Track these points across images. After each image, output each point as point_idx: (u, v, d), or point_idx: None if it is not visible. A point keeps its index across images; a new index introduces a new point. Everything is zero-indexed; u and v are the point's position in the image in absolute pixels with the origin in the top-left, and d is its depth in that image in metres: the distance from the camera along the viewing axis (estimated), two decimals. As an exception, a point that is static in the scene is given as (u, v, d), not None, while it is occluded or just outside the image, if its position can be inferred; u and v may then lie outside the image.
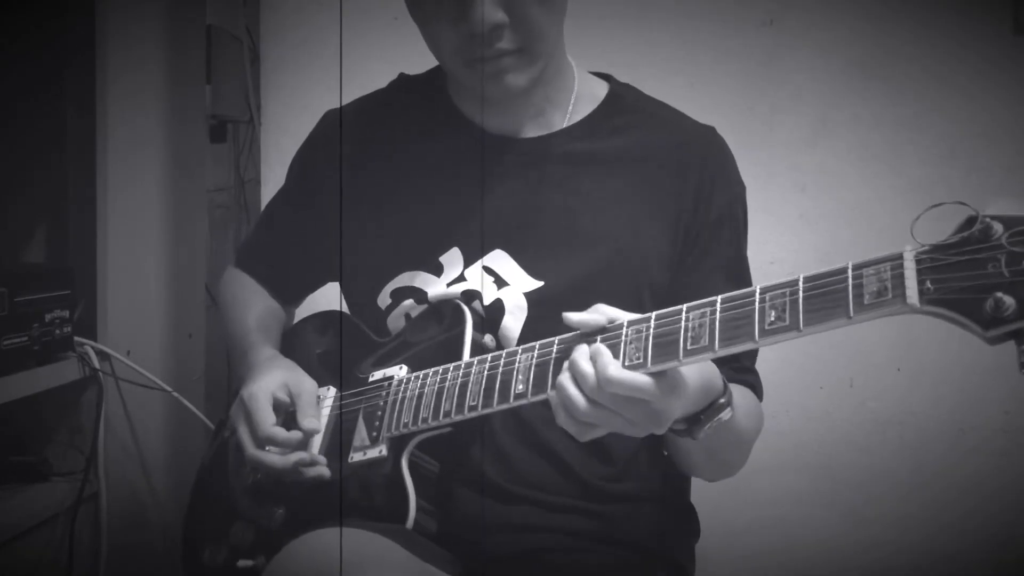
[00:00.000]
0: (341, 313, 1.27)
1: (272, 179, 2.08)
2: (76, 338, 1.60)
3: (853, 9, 1.96)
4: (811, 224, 1.98)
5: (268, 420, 1.08)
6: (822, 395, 1.99)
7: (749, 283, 1.17)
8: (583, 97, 1.19)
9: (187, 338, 1.86)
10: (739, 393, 1.07)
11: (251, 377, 1.15)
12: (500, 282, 1.13)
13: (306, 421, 1.08)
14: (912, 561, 1.96)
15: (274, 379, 1.12)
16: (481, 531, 1.09)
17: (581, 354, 0.88)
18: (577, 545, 1.12)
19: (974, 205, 0.74)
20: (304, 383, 1.13)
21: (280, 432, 1.07)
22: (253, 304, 1.32)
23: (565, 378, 0.89)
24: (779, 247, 1.97)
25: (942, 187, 1.93)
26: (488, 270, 1.13)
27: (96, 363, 1.62)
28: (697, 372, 0.92)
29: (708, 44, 1.99)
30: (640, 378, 0.86)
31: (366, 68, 1.46)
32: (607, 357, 0.86)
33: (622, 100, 1.21)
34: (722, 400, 0.97)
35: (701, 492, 1.26)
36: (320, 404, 1.15)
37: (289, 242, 1.32)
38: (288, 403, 1.11)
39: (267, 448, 1.09)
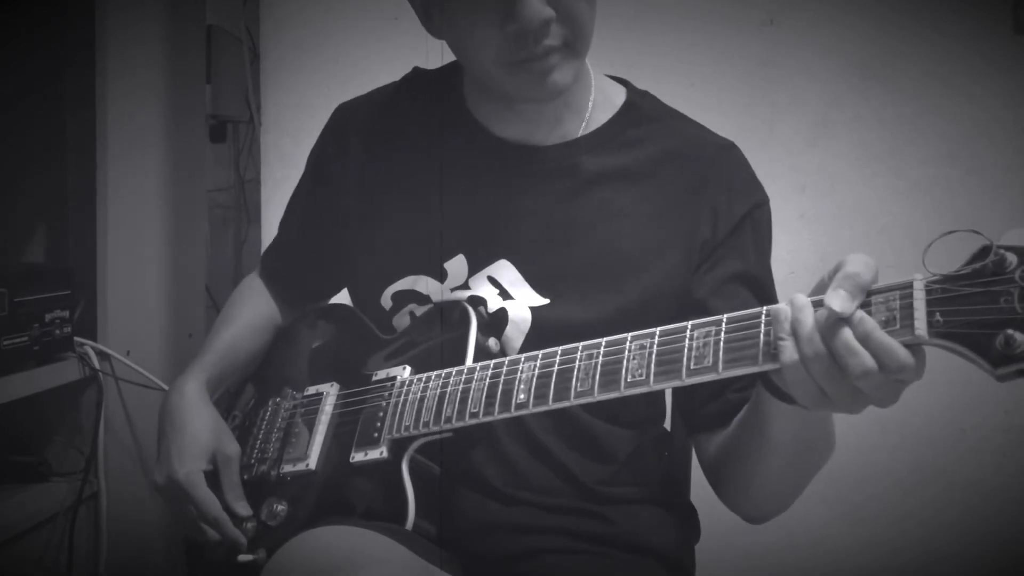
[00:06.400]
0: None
1: (272, 179, 2.08)
2: (76, 338, 1.60)
3: (853, 9, 1.96)
4: (811, 224, 1.98)
5: (214, 503, 1.12)
6: (822, 395, 1.98)
7: (770, 293, 1.14)
8: (600, 104, 1.16)
9: (187, 338, 1.86)
10: None
11: (177, 440, 1.15)
12: (505, 294, 1.12)
13: (237, 506, 1.12)
14: (912, 561, 1.96)
15: (200, 454, 1.15)
16: (481, 532, 1.09)
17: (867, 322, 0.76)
18: (577, 546, 1.11)
19: (985, 230, 0.72)
20: (227, 450, 1.15)
21: (228, 525, 1.12)
22: (237, 319, 1.30)
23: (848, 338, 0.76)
24: (779, 247, 1.92)
25: (942, 187, 1.93)
26: (493, 280, 1.13)
27: (96, 363, 1.62)
28: None
29: (708, 44, 1.98)
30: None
31: (367, 68, 1.46)
32: (871, 324, 0.76)
33: (639, 110, 1.17)
34: None
35: (701, 492, 1.26)
36: (322, 404, 1.16)
37: (303, 242, 1.32)
38: (215, 472, 1.15)
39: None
